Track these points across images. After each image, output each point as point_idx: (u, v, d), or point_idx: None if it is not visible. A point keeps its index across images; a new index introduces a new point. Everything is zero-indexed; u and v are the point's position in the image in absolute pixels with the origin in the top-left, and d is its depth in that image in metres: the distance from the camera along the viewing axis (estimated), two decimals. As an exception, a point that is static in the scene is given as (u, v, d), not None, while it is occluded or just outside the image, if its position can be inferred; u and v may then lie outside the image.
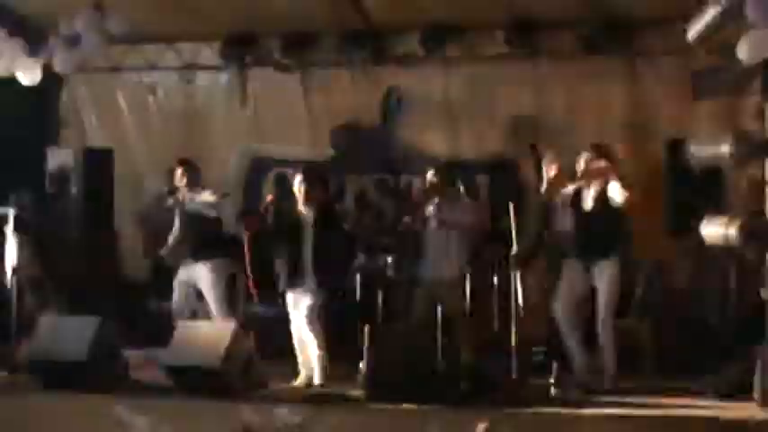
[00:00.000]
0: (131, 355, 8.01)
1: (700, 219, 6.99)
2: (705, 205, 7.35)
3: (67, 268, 9.40)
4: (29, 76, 9.07)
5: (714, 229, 6.67)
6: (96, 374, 7.42)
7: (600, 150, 7.59)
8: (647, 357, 8.16)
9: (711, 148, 6.65)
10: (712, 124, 8.35)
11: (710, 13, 6.52)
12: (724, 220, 6.58)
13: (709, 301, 8.33)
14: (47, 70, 9.13)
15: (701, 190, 7.86)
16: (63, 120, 10.69)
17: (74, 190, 9.47)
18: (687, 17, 6.83)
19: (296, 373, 7.84)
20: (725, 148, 6.46)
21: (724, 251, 7.28)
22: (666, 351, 8.17)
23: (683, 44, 7.11)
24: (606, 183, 7.44)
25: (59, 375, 7.38)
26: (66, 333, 7.60)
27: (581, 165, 7.55)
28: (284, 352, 8.15)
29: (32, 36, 9.16)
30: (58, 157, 9.63)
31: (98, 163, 9.79)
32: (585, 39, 8.90)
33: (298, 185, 7.79)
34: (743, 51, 6.28)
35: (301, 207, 7.77)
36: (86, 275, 9.42)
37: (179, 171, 8.48)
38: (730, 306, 8.09)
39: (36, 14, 9.23)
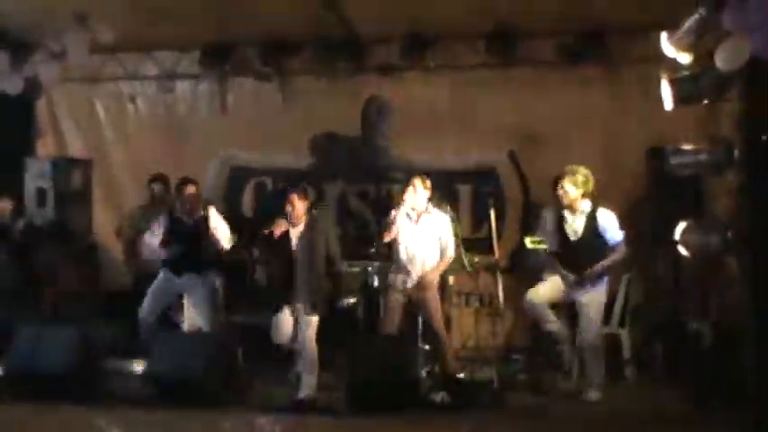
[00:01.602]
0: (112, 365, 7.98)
1: (680, 226, 7.04)
2: (686, 212, 7.37)
3: (46, 278, 9.33)
4: (11, 86, 9.08)
5: (694, 236, 6.70)
6: (76, 385, 7.37)
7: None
8: (628, 364, 8.19)
9: (690, 156, 6.69)
10: (692, 131, 8.39)
11: (689, 22, 6.55)
12: (704, 227, 6.61)
13: (690, 308, 8.37)
14: (29, 82, 9.13)
15: (682, 197, 7.90)
16: (41, 129, 10.63)
17: (52, 200, 9.40)
18: (666, 25, 6.86)
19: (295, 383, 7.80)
20: (703, 156, 6.50)
21: (704, 258, 7.31)
22: (647, 358, 8.21)
23: (663, 52, 7.14)
24: (595, 208, 7.50)
25: (39, 386, 7.33)
26: (45, 344, 7.55)
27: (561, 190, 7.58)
28: (267, 362, 8.14)
29: (17, 48, 9.14)
30: (37, 167, 9.57)
31: (77, 173, 9.73)
32: (566, 47, 8.94)
33: (293, 205, 7.77)
34: (721, 59, 6.31)
35: (293, 222, 7.80)
36: (66, 285, 9.34)
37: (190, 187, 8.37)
38: (711, 313, 8.12)
39: (20, 27, 9.16)
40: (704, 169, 6.78)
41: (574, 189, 7.48)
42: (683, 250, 6.88)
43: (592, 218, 7.50)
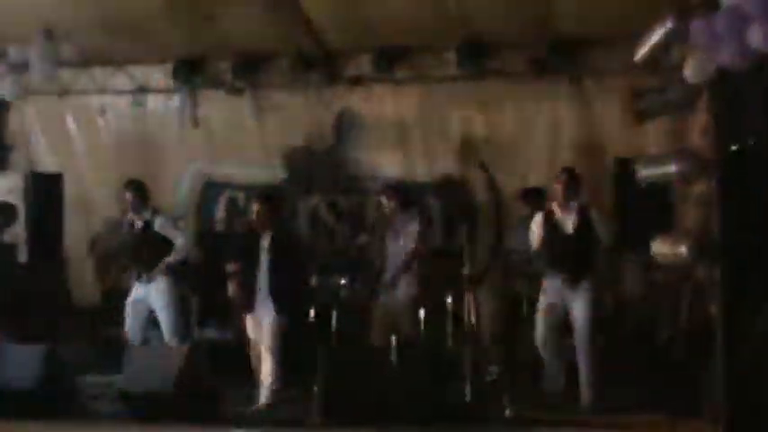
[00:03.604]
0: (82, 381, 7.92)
1: (649, 237, 7.08)
2: (654, 223, 7.42)
3: (16, 294, 9.25)
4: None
5: (664, 247, 6.73)
6: (47, 402, 7.31)
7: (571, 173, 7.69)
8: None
9: (659, 167, 6.72)
10: (661, 142, 8.45)
11: (657, 35, 6.61)
12: (673, 237, 6.64)
13: (660, 319, 8.40)
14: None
15: (650, 208, 7.93)
16: (11, 143, 10.57)
17: (23, 214, 9.33)
18: (634, 38, 6.92)
19: (256, 397, 7.78)
20: (672, 167, 6.53)
21: (674, 268, 7.35)
22: (618, 369, 8.22)
23: (631, 64, 7.21)
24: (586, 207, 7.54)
25: (9, 404, 7.26)
26: (15, 361, 7.49)
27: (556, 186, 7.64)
28: (237, 376, 8.10)
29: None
30: (7, 182, 9.50)
31: (47, 187, 9.67)
32: (535, 60, 9.00)
33: (255, 211, 7.80)
34: (689, 71, 6.36)
35: (258, 232, 7.80)
36: (36, 302, 9.28)
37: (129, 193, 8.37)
38: (680, 323, 8.15)
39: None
40: (673, 180, 6.81)
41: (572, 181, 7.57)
42: (653, 260, 6.92)
43: (583, 215, 7.54)
